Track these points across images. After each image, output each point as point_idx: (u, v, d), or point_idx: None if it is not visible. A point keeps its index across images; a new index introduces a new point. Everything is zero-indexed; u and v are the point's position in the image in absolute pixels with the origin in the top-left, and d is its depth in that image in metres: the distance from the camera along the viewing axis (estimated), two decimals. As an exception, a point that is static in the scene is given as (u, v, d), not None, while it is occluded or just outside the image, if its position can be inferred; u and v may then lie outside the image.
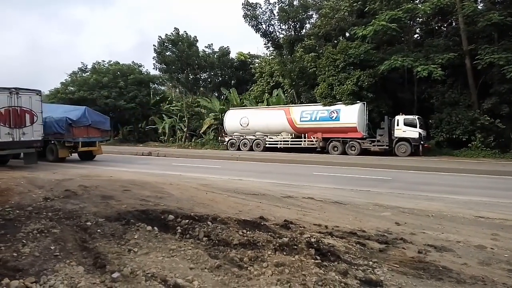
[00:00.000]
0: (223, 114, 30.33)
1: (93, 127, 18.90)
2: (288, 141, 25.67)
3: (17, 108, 15.13)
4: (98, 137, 19.47)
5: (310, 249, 4.49)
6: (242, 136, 27.57)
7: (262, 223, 5.73)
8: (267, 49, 33.22)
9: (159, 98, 43.67)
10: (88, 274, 3.74)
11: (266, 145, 26.20)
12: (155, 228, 5.22)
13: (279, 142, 25.94)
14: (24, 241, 4.63)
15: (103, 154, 20.72)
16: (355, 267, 4.11)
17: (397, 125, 21.89)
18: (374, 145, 22.86)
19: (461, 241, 5.40)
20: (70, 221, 5.62)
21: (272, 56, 35.02)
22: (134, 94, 39.81)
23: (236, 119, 28.08)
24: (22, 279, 3.53)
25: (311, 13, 29.66)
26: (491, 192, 10.32)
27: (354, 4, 25.65)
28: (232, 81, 41.08)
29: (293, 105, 27.67)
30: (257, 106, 31.26)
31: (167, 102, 42.97)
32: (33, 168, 14.82)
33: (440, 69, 20.82)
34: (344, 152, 23.15)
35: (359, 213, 7.28)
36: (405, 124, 21.68)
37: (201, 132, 34.85)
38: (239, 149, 27.09)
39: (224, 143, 29.13)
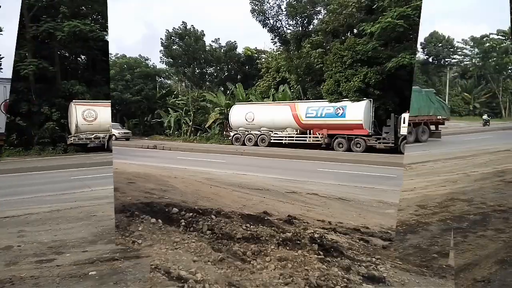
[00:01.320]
0: (228, 109, 30.27)
1: None
2: (293, 137, 25.62)
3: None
4: None
5: (313, 244, 4.51)
6: (247, 131, 27.56)
7: (265, 218, 5.75)
8: (274, 44, 33.09)
9: (165, 91, 43.68)
10: (93, 264, 3.78)
11: (271, 141, 26.14)
12: (159, 220, 5.26)
13: (284, 138, 25.88)
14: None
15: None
16: (358, 263, 4.12)
17: (403, 123, 21.70)
18: (379, 143, 22.76)
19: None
20: (75, 211, 5.68)
21: (279, 52, 34.88)
22: (140, 88, 39.83)
23: (241, 114, 28.05)
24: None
25: (319, 8, 29.36)
26: None
27: (363, 0, 25.42)
28: (239, 76, 40.91)
29: (299, 101, 27.55)
30: (263, 101, 31.17)
31: (173, 96, 42.97)
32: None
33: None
34: (349, 149, 23.03)
35: (363, 209, 7.27)
36: (412, 122, 21.56)
37: (206, 126, 34.86)
38: (244, 144, 27.08)
39: (229, 138, 29.11)
